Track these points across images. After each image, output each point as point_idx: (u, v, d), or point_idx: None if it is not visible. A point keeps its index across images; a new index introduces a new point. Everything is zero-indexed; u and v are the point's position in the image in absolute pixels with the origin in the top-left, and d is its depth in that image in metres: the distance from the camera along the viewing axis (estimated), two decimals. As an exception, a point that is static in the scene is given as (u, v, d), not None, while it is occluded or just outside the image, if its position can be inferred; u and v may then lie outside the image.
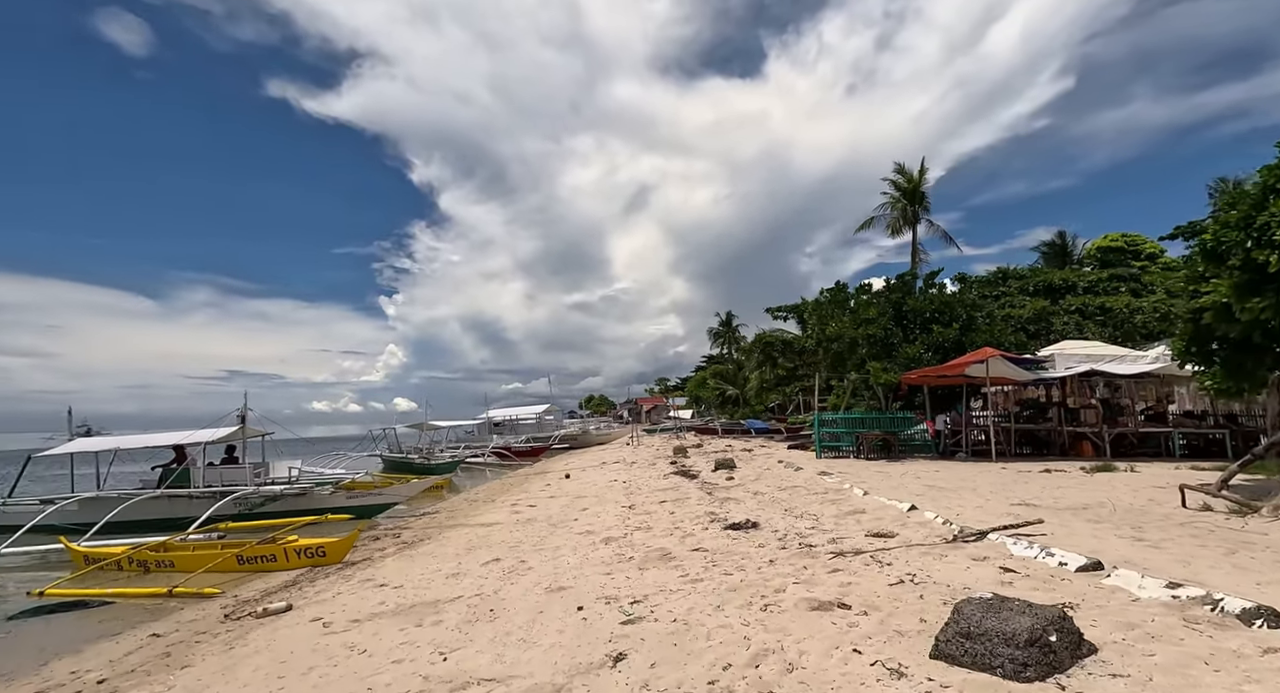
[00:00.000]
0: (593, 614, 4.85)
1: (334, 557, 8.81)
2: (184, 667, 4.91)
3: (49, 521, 11.60)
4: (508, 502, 13.80)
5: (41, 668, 5.45)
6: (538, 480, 18.57)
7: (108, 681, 4.79)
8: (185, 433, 14.25)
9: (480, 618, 5.18)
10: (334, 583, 7.42)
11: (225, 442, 14.11)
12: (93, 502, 12.58)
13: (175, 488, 13.02)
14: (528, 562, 7.16)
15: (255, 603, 6.87)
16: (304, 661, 4.60)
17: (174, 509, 12.85)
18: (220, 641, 5.55)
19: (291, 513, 12.25)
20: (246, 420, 13.90)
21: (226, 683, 4.35)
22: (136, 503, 11.93)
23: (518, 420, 40.54)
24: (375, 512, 13.30)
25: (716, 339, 61.93)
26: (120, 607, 7.51)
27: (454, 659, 4.27)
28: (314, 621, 5.74)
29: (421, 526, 11.69)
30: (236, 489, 12.65)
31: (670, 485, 13.20)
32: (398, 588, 6.66)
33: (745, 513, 8.56)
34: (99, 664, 5.30)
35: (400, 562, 8.24)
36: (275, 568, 8.80)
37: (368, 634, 5.10)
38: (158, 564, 9.01)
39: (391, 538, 10.58)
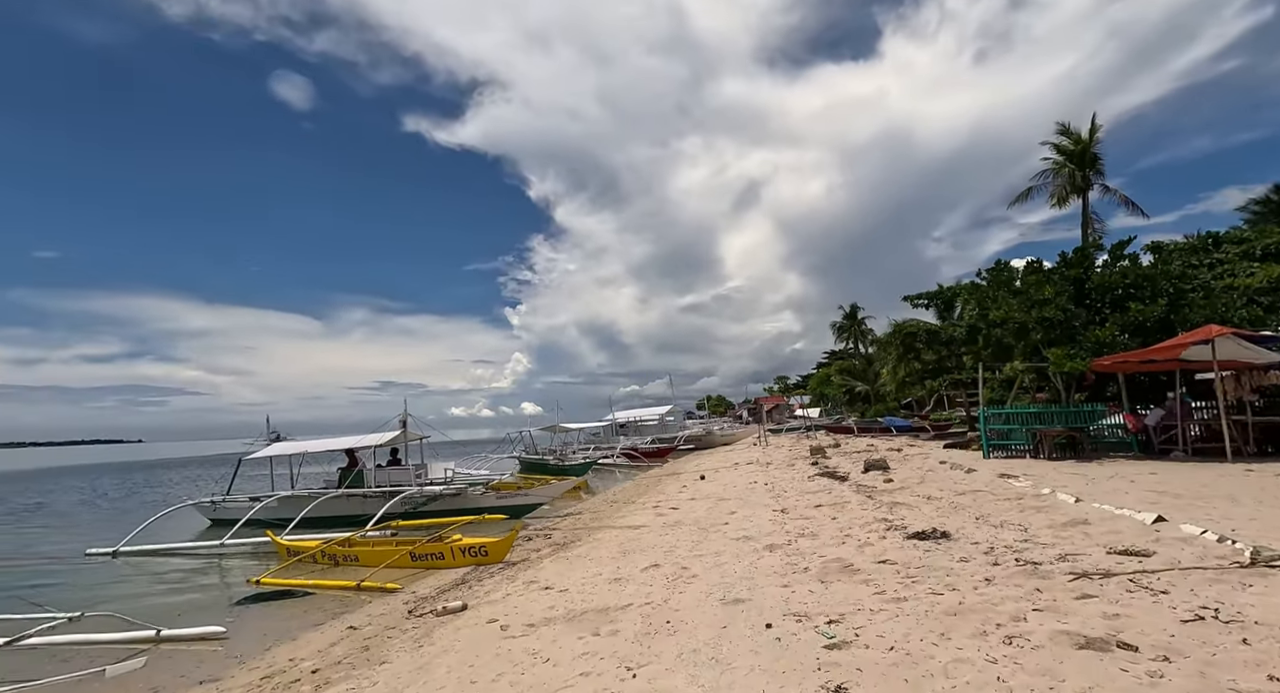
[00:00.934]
0: (785, 633, 4.36)
1: (495, 556, 9.07)
2: (382, 663, 5.09)
3: (258, 515, 13.26)
4: (648, 504, 13.67)
5: (265, 653, 5.98)
6: (672, 482, 18.37)
7: (320, 671, 5.09)
8: (355, 438, 15.73)
9: (658, 630, 4.88)
10: (500, 584, 7.57)
11: (389, 445, 15.37)
12: (289, 499, 14.22)
13: (351, 488, 14.36)
14: (690, 569, 6.81)
15: (433, 601, 7.15)
16: (491, 666, 4.56)
17: (351, 507, 14.17)
18: (409, 637, 5.76)
19: (449, 512, 13.00)
20: (407, 425, 15.05)
21: (423, 685, 4.40)
22: (322, 501, 13.29)
23: (641, 422, 40.92)
24: (524, 512, 13.76)
25: (840, 333, 58.50)
26: (318, 597, 8.22)
27: (644, 677, 3.97)
28: (490, 622, 5.79)
29: (569, 527, 11.84)
30: (402, 489, 13.67)
31: (820, 488, 12.32)
32: (563, 592, 6.60)
33: (926, 521, 7.61)
34: (310, 654, 5.69)
35: (558, 564, 8.26)
36: (442, 566, 9.24)
37: (546, 641, 4.99)
38: (344, 558, 9.83)
39: (543, 539, 10.78)
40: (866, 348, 53.55)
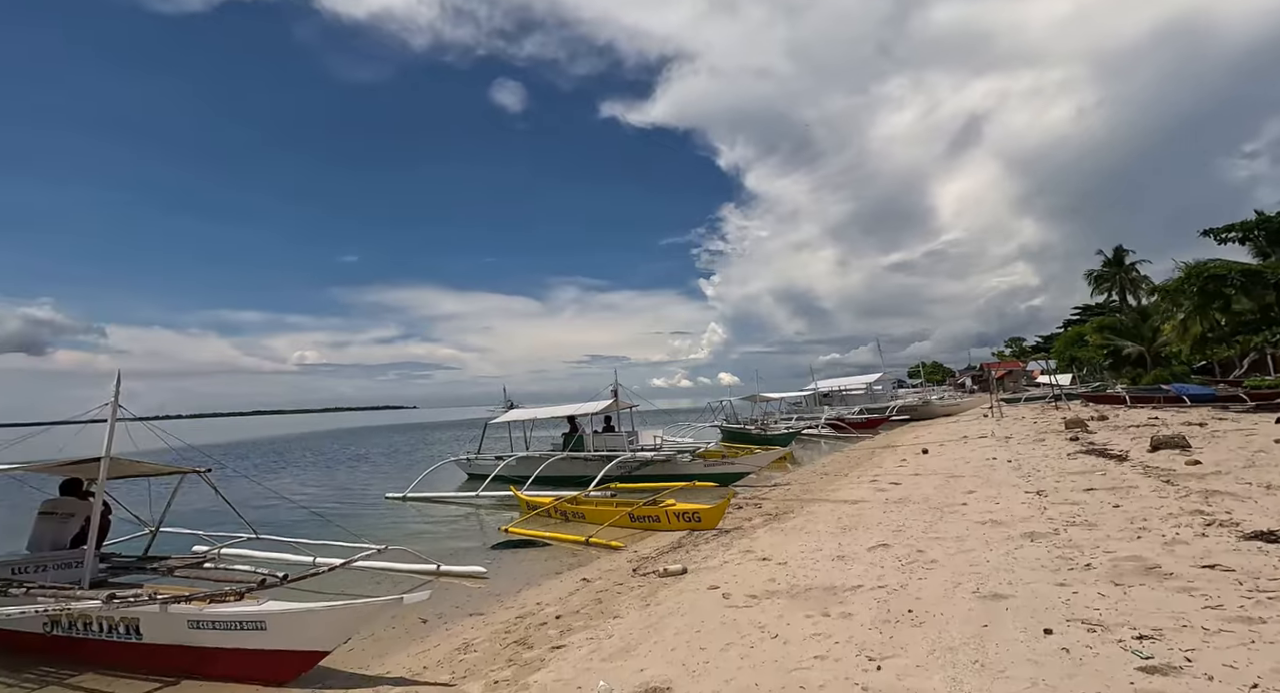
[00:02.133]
0: (1073, 644, 3.56)
1: (708, 523, 9.17)
2: (615, 617, 5.39)
3: (502, 472, 15.33)
4: (863, 477, 12.71)
5: (516, 595, 6.78)
6: (889, 455, 16.89)
7: (562, 617, 5.58)
8: (574, 405, 17.21)
9: (898, 619, 4.38)
10: (716, 550, 7.59)
11: (603, 413, 16.53)
12: (525, 459, 16.17)
13: (573, 451, 15.79)
14: (927, 553, 6.06)
15: (654, 561, 7.45)
16: (719, 635, 4.51)
17: (574, 468, 15.59)
18: (636, 595, 6.03)
19: (661, 477, 13.55)
20: (618, 395, 16.01)
21: (655, 643, 4.52)
22: (551, 462, 14.84)
23: (846, 391, 38.48)
24: (732, 480, 13.78)
25: (1099, 284, 47.72)
26: (554, 548, 9.14)
27: (891, 671, 3.55)
28: (712, 589, 5.79)
29: (779, 497, 11.53)
30: (617, 454, 14.62)
31: (1086, 467, 10.21)
32: (782, 565, 6.35)
33: (1271, 517, 5.75)
34: (552, 600, 6.30)
35: (773, 535, 8.03)
36: (658, 528, 9.63)
37: (772, 616, 4.80)
38: (573, 515, 10.82)
39: (754, 508, 10.64)
40: (1139, 300, 43.24)
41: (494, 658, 4.76)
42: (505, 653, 4.84)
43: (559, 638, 5.01)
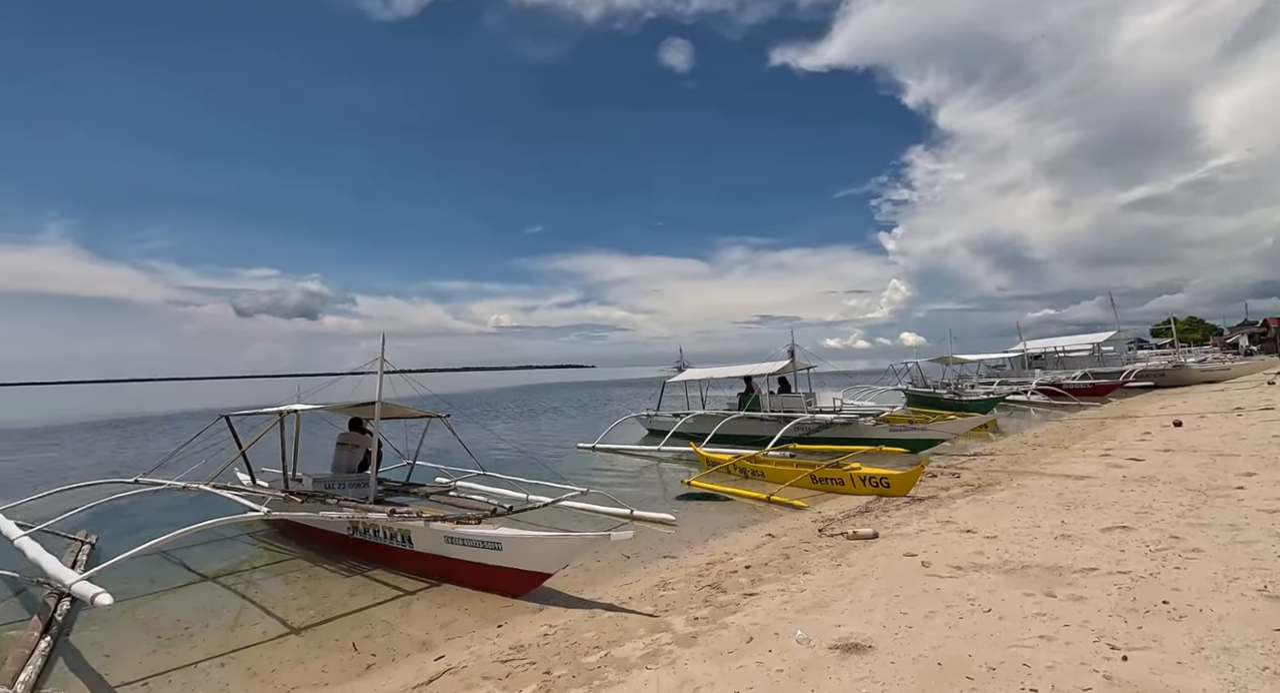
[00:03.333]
0: None
1: (898, 489, 8.71)
2: (804, 573, 5.45)
3: (680, 429, 16.01)
4: (1090, 450, 10.99)
5: (705, 543, 7.16)
6: (1124, 426, 14.32)
7: (752, 568, 5.78)
8: (750, 366, 17.19)
9: (1150, 610, 3.83)
10: (909, 518, 7.21)
11: (780, 374, 16.28)
12: (701, 417, 16.65)
13: (749, 411, 15.86)
14: (1186, 541, 5.14)
15: (840, 524, 7.31)
16: (920, 602, 4.35)
17: (749, 428, 15.68)
18: (824, 554, 6.02)
19: (841, 440, 13.07)
20: (794, 355, 15.63)
21: (850, 602, 4.51)
22: (728, 421, 15.09)
23: (1064, 353, 32.99)
24: (924, 447, 12.83)
25: None
26: (735, 503, 9.40)
27: (1142, 664, 3.15)
28: (908, 556, 5.56)
29: (981, 468, 10.48)
30: (794, 416, 14.39)
31: None
32: (991, 539, 5.84)
33: None
34: (740, 551, 6.54)
35: (976, 507, 7.39)
36: (841, 491, 9.37)
37: (982, 589, 4.49)
38: (752, 473, 10.97)
39: (950, 477, 9.83)
40: None
41: (690, 598, 5.13)
42: (700, 594, 5.18)
43: (750, 587, 5.22)
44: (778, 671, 3.50)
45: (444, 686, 3.91)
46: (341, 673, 4.35)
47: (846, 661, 3.53)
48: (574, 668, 3.90)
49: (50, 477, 13.63)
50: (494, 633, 4.84)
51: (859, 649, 3.65)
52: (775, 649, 3.78)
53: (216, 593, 6.23)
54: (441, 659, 4.38)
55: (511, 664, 4.11)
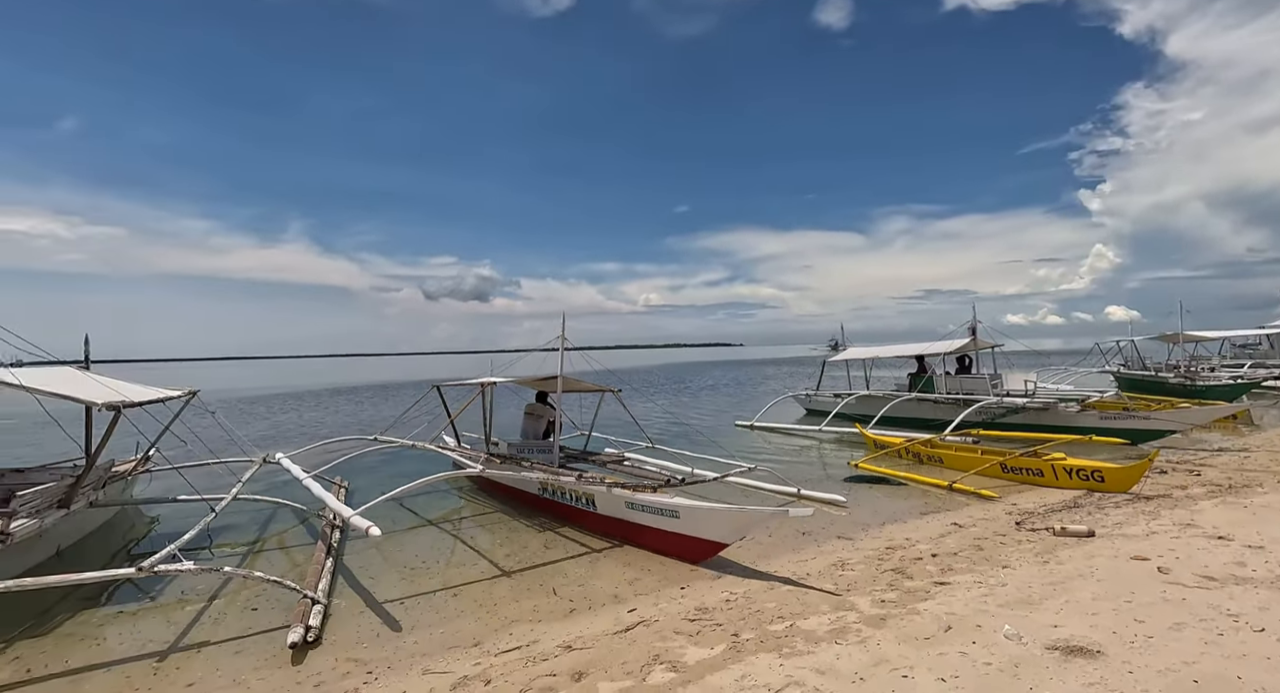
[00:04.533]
0: None
1: (1116, 485, 7.59)
2: (1004, 566, 5.04)
3: (843, 410, 15.36)
4: (1402, 453, 8.61)
5: (880, 527, 6.89)
6: None
7: (938, 557, 5.47)
8: (923, 345, 15.88)
9: None
10: (1134, 517, 6.28)
11: (959, 353, 14.83)
12: (865, 398, 15.81)
13: (921, 393, 14.70)
14: None
15: (1042, 518, 6.60)
16: (1162, 612, 3.82)
17: (921, 411, 14.55)
18: (1027, 549, 5.49)
19: (1034, 427, 11.64)
20: (976, 333, 14.12)
21: (1066, 602, 4.09)
22: (896, 403, 14.15)
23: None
24: (1146, 438, 10.98)
25: None
26: (909, 489, 8.85)
27: None
28: (1139, 559, 4.87)
29: (1232, 466, 8.73)
30: (977, 398, 13.07)
31: None
32: (1256, 549, 4.91)
33: None
34: (922, 538, 6.20)
35: (1228, 511, 6.21)
36: (1039, 483, 8.39)
37: (1249, 606, 3.81)
38: (928, 458, 10.23)
39: (1185, 475, 8.33)
40: None
41: (873, 580, 5.00)
42: (883, 578, 5.03)
43: (939, 575, 4.96)
44: (985, 664, 3.32)
45: (640, 635, 4.28)
46: (549, 613, 4.94)
47: (1070, 664, 3.24)
48: (760, 634, 4.04)
49: (308, 433, 16.91)
50: (678, 594, 5.15)
51: (1084, 653, 3.33)
52: (980, 642, 3.58)
53: (439, 536, 7.36)
54: (634, 612, 4.78)
55: (699, 624, 4.36)
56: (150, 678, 4.08)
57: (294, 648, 4.31)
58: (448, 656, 4.24)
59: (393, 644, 4.47)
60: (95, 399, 5.52)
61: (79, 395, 5.54)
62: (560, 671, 3.81)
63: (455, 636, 4.58)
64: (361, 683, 3.90)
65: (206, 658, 4.33)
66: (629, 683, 3.57)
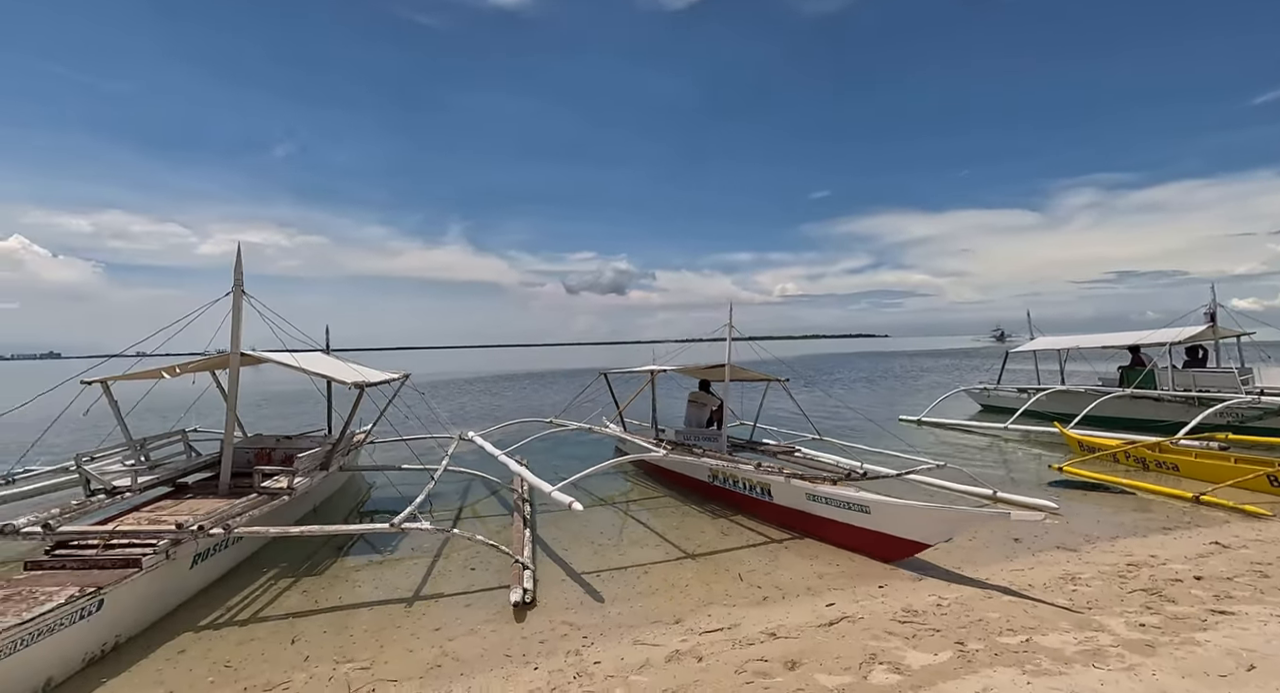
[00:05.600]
0: None
1: None
2: (1307, 599, 4.12)
3: (1033, 407, 13.65)
4: None
5: (1112, 542, 5.99)
6: None
7: (1204, 580, 4.62)
8: (1139, 333, 13.57)
9: None
10: None
11: (1191, 343, 12.47)
12: (1059, 394, 13.90)
13: (1139, 389, 12.58)
14: None
15: (1347, 544, 5.31)
16: None
17: (1138, 410, 12.48)
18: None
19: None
20: (1215, 319, 11.75)
21: None
22: (1103, 400, 12.24)
23: None
24: None
25: None
26: (1136, 499, 7.60)
27: None
28: None
29: None
30: (1221, 397, 10.90)
31: None
32: None
33: None
34: (1174, 557, 5.29)
35: None
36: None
37: None
38: (1156, 464, 8.72)
39: None
40: None
41: (1120, 600, 4.35)
42: (1134, 598, 4.35)
43: (1214, 602, 4.18)
44: (1319, 715, 2.72)
45: (847, 630, 4.11)
46: (742, 599, 4.93)
47: None
48: (991, 646, 3.69)
49: (485, 415, 18.65)
50: (876, 592, 4.89)
51: None
52: (1303, 688, 2.95)
53: (615, 515, 7.70)
54: (833, 606, 4.62)
55: (912, 626, 4.09)
56: (404, 618, 4.72)
57: (516, 607, 4.74)
58: (653, 630, 4.40)
59: (599, 613, 4.74)
60: (347, 379, 6.50)
61: (337, 375, 6.56)
62: (770, 657, 3.78)
63: (655, 611, 4.74)
64: (581, 645, 4.18)
65: (444, 607, 4.92)
66: (849, 679, 3.44)
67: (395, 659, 4.09)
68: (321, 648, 4.27)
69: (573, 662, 3.95)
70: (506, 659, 4.02)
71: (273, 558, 6.06)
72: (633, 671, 3.75)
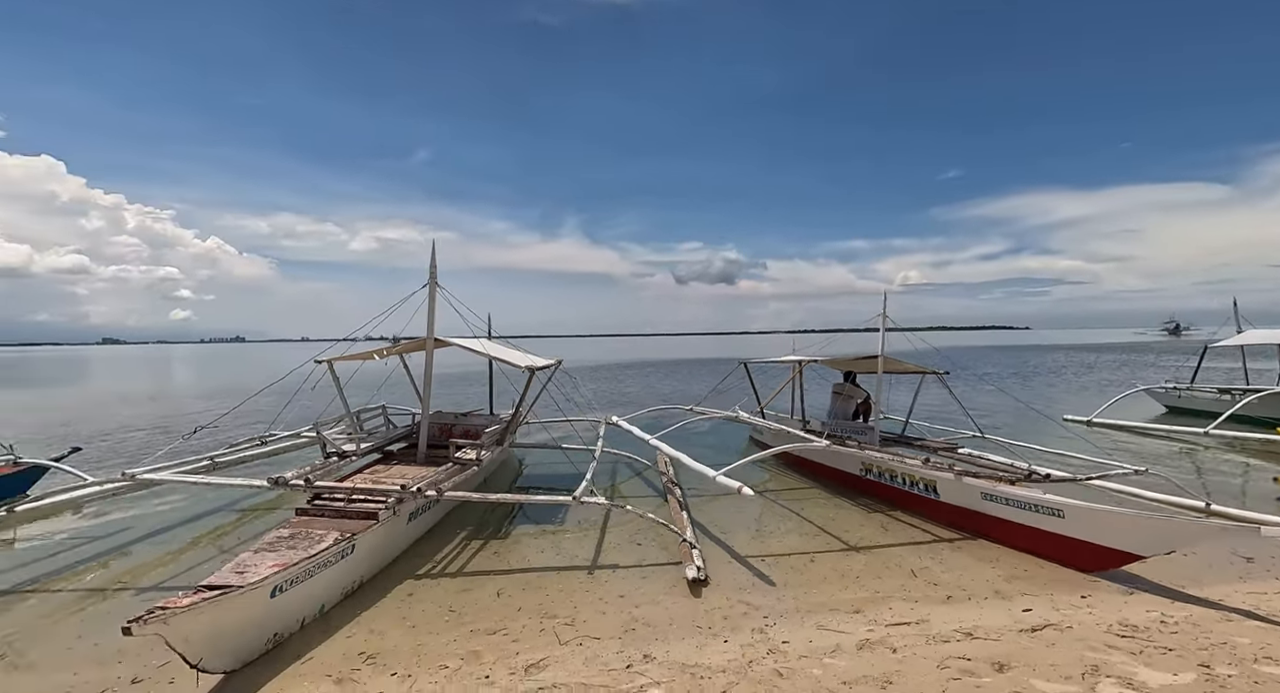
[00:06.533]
0: None
1: None
2: None
3: (1242, 411, 11.78)
4: None
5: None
6: None
7: None
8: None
9: None
10: None
11: None
12: (1274, 397, 11.87)
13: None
14: None
15: None
16: None
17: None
18: None
19: None
20: None
21: None
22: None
23: None
24: None
25: None
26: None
27: None
28: None
29: None
30: None
31: None
32: None
33: None
34: None
35: None
36: None
37: None
38: None
39: None
40: None
41: None
42: None
43: None
44: None
45: (1057, 639, 3.87)
46: (923, 596, 4.78)
47: None
48: (1247, 673, 3.31)
49: (617, 401, 19.36)
50: (1079, 602, 4.53)
51: None
52: None
53: (766, 504, 7.69)
54: (1031, 612, 4.35)
55: (1136, 642, 3.76)
56: (590, 583, 5.09)
57: (692, 583, 4.95)
58: (832, 616, 4.40)
59: (772, 595, 4.82)
60: (520, 363, 7.07)
61: (512, 360, 7.16)
62: (974, 656, 3.65)
63: (830, 599, 4.73)
64: (763, 624, 4.29)
65: (622, 577, 5.24)
66: (1074, 689, 3.25)
67: (591, 619, 4.44)
68: (525, 602, 4.74)
69: (759, 639, 4.07)
70: (696, 630, 4.22)
71: (459, 521, 6.78)
72: (825, 654, 3.80)
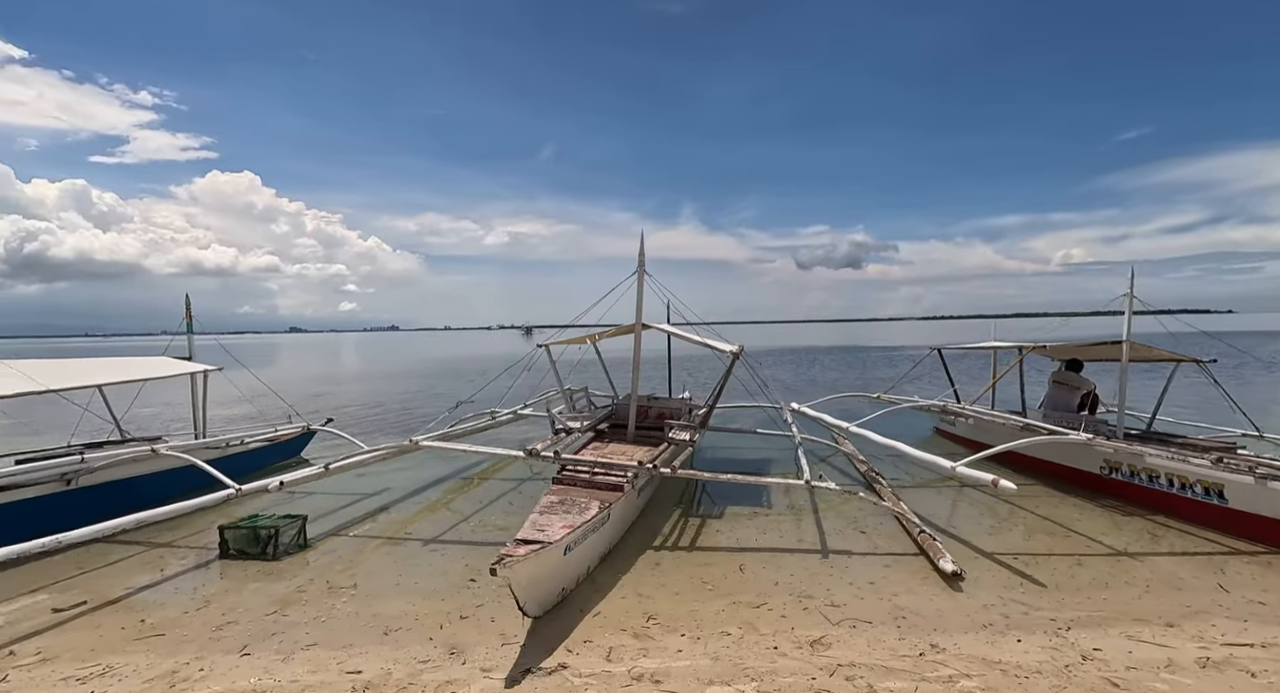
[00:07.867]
0: None
1: None
2: None
3: None
4: None
5: None
6: None
7: None
8: None
9: None
10: None
11: None
12: None
13: None
14: None
15: None
16: None
17: None
18: None
19: None
20: None
21: None
22: None
23: None
24: None
25: None
26: None
27: None
28: None
29: None
30: None
31: None
32: None
33: None
34: None
35: None
36: None
37: None
38: None
39: None
40: None
41: None
42: None
43: None
44: None
45: None
46: (1249, 614, 4.11)
47: None
48: None
49: (807, 390, 19.00)
50: None
51: None
52: None
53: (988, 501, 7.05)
54: None
55: None
56: (829, 568, 4.96)
57: (949, 577, 4.65)
58: (1142, 628, 3.90)
59: (1049, 598, 4.38)
60: (725, 348, 7.10)
61: (717, 345, 7.22)
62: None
63: (1129, 609, 4.19)
64: (1056, 627, 3.91)
65: (861, 564, 5.05)
66: None
67: (851, 603, 4.32)
68: (773, 579, 4.73)
69: (1059, 642, 3.72)
70: (979, 626, 3.95)
71: (668, 498, 6.97)
72: (1158, 668, 3.38)
